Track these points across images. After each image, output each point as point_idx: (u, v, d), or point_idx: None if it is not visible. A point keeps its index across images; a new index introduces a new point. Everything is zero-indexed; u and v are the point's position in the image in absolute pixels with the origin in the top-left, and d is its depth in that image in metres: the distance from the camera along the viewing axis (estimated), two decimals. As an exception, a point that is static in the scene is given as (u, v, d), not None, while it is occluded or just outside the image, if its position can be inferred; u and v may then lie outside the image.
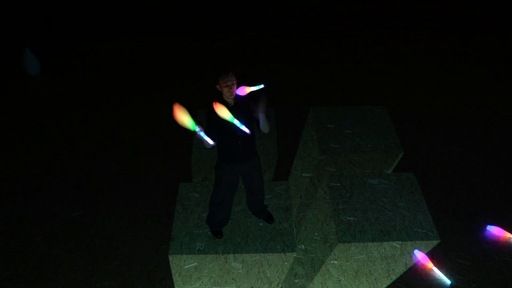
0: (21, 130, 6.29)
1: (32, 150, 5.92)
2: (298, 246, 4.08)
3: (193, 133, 2.72)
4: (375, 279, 3.66)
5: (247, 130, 2.79)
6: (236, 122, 2.74)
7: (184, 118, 2.60)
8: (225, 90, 2.86)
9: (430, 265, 4.29)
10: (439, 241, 3.18)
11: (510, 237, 4.67)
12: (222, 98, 2.92)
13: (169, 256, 3.27)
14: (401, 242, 3.18)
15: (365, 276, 3.62)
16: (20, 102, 6.90)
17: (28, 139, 6.11)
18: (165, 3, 9.58)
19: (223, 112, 2.71)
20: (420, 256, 3.45)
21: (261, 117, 2.93)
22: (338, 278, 3.66)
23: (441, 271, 4.27)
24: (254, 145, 3.15)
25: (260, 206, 3.44)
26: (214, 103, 2.75)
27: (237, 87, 2.93)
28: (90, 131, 6.27)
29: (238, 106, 2.95)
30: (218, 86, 2.88)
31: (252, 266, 3.42)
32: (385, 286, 3.76)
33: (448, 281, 4.20)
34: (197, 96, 6.87)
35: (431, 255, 4.44)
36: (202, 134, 2.70)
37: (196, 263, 3.36)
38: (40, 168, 5.61)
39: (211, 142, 2.76)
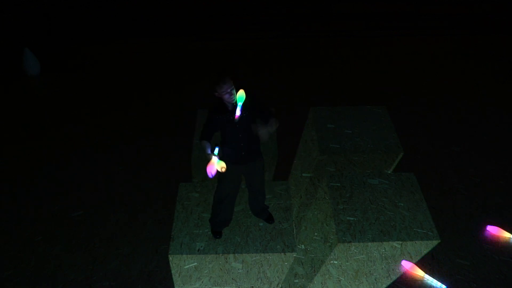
0: (21, 130, 6.29)
1: (32, 150, 5.92)
2: (298, 246, 4.08)
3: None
4: (375, 279, 3.66)
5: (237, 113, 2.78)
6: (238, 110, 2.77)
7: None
8: (225, 97, 2.81)
9: (420, 273, 4.24)
10: (439, 241, 3.18)
11: (510, 237, 4.67)
12: (222, 101, 2.88)
13: (169, 256, 3.27)
14: (401, 242, 3.18)
15: (365, 276, 3.62)
16: (20, 102, 6.90)
17: (28, 139, 6.11)
18: (165, 3, 9.58)
19: None
20: (408, 266, 3.44)
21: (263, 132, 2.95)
22: (338, 278, 3.66)
23: (433, 277, 4.24)
24: (258, 146, 3.12)
25: (261, 206, 3.44)
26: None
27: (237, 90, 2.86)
28: (90, 131, 6.27)
29: (245, 114, 2.91)
30: (216, 94, 2.81)
31: (252, 266, 3.42)
32: (385, 286, 3.76)
33: (443, 286, 4.19)
34: (197, 96, 6.87)
35: (427, 259, 4.43)
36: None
37: (196, 263, 3.36)
38: (40, 168, 5.61)
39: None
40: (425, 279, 4.21)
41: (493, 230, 4.76)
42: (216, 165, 2.75)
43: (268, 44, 8.58)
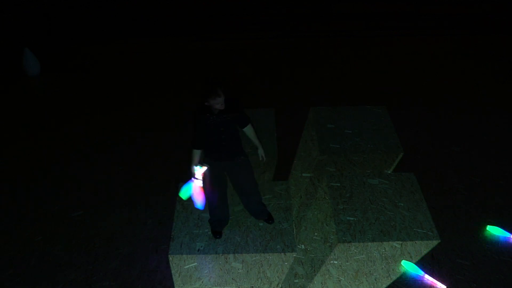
0: (21, 130, 6.29)
1: (32, 150, 5.92)
2: (298, 246, 4.08)
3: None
4: (375, 279, 3.66)
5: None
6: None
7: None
8: (216, 107, 2.87)
9: (420, 273, 4.23)
10: (439, 241, 3.18)
11: (510, 237, 4.67)
12: (208, 107, 2.93)
13: (169, 256, 3.27)
14: (401, 242, 3.18)
15: (365, 276, 3.62)
16: (20, 102, 6.90)
17: (28, 139, 6.11)
18: (165, 3, 9.58)
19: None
20: (408, 266, 3.44)
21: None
22: (338, 278, 3.66)
23: (433, 277, 4.24)
24: (239, 144, 3.16)
25: (260, 207, 3.43)
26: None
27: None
28: (90, 131, 6.27)
29: (223, 111, 2.96)
30: (207, 103, 2.87)
31: (252, 266, 3.42)
32: (385, 286, 3.76)
33: (443, 286, 4.18)
34: (197, 96, 6.86)
35: (427, 259, 4.43)
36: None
37: (196, 263, 3.36)
38: (40, 168, 5.61)
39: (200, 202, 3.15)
40: (425, 279, 4.21)
41: (493, 230, 4.76)
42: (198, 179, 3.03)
43: (268, 44, 8.58)
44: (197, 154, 3.08)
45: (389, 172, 4.21)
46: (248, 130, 3.23)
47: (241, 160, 3.16)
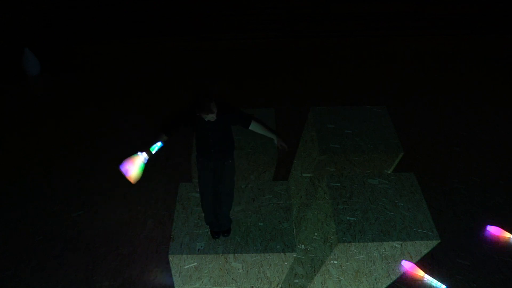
0: (21, 130, 6.29)
1: (32, 150, 5.92)
2: (298, 246, 4.08)
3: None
4: (375, 279, 3.66)
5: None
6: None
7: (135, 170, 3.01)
8: (207, 119, 2.90)
9: (420, 273, 4.24)
10: (439, 241, 3.18)
11: (510, 237, 4.67)
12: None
13: (169, 256, 3.27)
14: (401, 242, 3.18)
15: (365, 276, 3.63)
16: (20, 102, 6.90)
17: (28, 139, 6.11)
18: (165, 3, 9.58)
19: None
20: (408, 266, 3.44)
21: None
22: (338, 278, 3.66)
23: (433, 277, 4.24)
24: (229, 148, 3.13)
25: (224, 219, 3.32)
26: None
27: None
28: (90, 131, 6.27)
29: (216, 119, 2.94)
30: (198, 115, 2.88)
31: (252, 266, 3.42)
32: (385, 286, 3.76)
33: (443, 286, 4.18)
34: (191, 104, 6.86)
35: (427, 259, 4.43)
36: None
37: (196, 263, 3.36)
38: (40, 168, 5.61)
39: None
40: (425, 279, 4.21)
41: (493, 230, 4.76)
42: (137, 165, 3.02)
43: (268, 44, 8.58)
44: (161, 137, 3.20)
45: (389, 172, 4.21)
46: (254, 127, 3.14)
47: (227, 164, 3.14)
